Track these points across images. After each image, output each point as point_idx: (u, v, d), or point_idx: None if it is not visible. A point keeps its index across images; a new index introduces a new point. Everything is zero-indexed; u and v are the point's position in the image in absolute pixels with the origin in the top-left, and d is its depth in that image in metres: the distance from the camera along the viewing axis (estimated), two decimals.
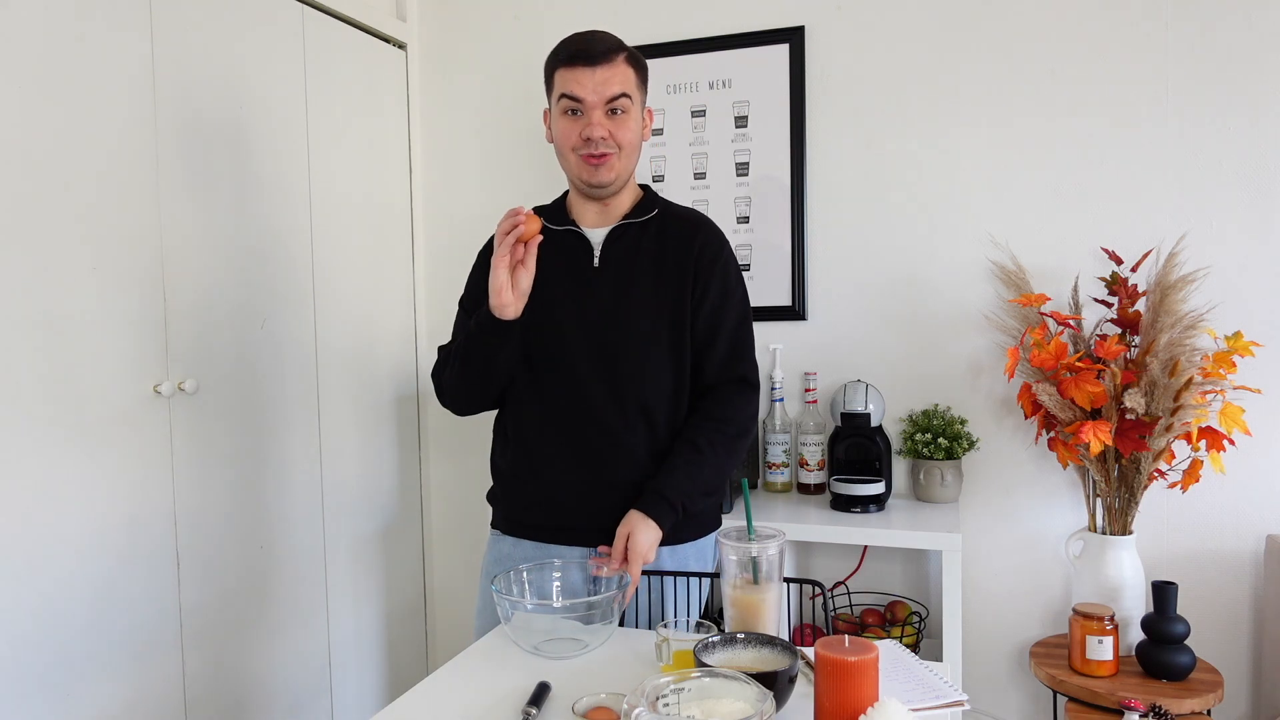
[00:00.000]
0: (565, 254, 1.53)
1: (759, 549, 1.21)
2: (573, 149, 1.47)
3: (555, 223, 1.56)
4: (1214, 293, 2.08)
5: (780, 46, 2.37)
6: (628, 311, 1.49)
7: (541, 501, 1.53)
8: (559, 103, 1.47)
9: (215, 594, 1.94)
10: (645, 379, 1.49)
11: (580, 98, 1.44)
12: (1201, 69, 2.08)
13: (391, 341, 2.58)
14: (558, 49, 1.47)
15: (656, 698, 0.95)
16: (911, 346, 2.32)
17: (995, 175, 2.23)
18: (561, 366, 1.50)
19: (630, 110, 1.47)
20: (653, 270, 1.51)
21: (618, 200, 1.55)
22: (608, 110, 1.45)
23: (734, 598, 1.23)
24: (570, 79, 1.44)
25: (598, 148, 1.45)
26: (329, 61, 2.31)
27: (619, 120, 1.46)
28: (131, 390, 1.75)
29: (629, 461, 1.49)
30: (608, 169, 1.47)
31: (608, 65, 1.44)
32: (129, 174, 1.74)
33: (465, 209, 2.70)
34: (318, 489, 2.26)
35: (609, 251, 1.52)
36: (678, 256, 1.52)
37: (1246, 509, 2.09)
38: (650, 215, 1.54)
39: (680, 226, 1.55)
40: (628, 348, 1.49)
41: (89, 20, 1.66)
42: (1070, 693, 1.87)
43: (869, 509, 2.12)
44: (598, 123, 1.44)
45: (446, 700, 1.17)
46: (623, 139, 1.47)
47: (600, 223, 1.55)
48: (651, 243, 1.53)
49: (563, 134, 1.48)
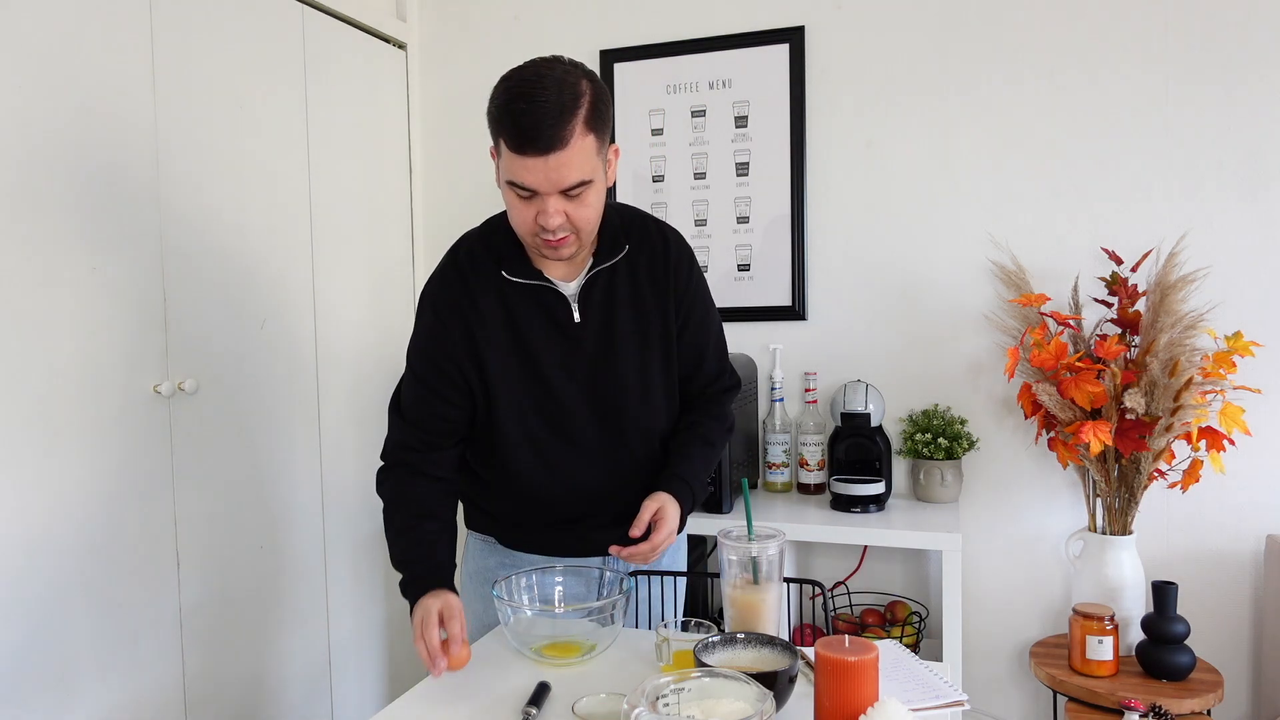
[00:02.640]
0: (542, 307, 1.39)
1: (759, 549, 1.21)
2: (529, 231, 1.29)
3: (522, 275, 1.38)
4: (1214, 293, 2.08)
5: (780, 46, 2.37)
6: (617, 363, 1.41)
7: (529, 529, 1.51)
8: (507, 184, 1.27)
9: (215, 594, 1.94)
10: (641, 422, 1.45)
11: (532, 188, 1.24)
12: (1201, 69, 2.08)
13: (391, 341, 2.58)
14: (502, 123, 1.22)
15: (656, 698, 0.95)
16: (911, 346, 2.32)
17: (995, 175, 2.23)
18: (551, 418, 1.42)
19: (590, 186, 1.26)
20: (633, 314, 1.42)
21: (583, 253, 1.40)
22: (564, 194, 1.25)
23: (734, 598, 1.23)
24: (519, 166, 1.22)
25: (556, 235, 1.28)
26: (329, 61, 2.31)
27: (578, 202, 1.26)
28: (131, 390, 1.74)
29: (621, 494, 1.45)
30: (568, 246, 1.31)
31: (562, 150, 1.20)
32: (129, 174, 1.74)
33: (465, 209, 2.69)
34: (318, 489, 2.26)
35: (585, 303, 1.39)
36: (654, 291, 1.43)
37: (1246, 509, 2.09)
38: (619, 257, 1.41)
39: (649, 257, 1.44)
40: (623, 397, 1.42)
41: (89, 20, 1.66)
42: (1070, 693, 1.87)
43: (869, 509, 2.12)
44: (553, 211, 1.24)
45: (446, 700, 1.17)
46: (582, 220, 1.28)
47: (569, 274, 1.40)
48: (625, 284, 1.42)
49: (515, 213, 1.29)
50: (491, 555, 1.56)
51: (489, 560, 1.57)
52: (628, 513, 1.39)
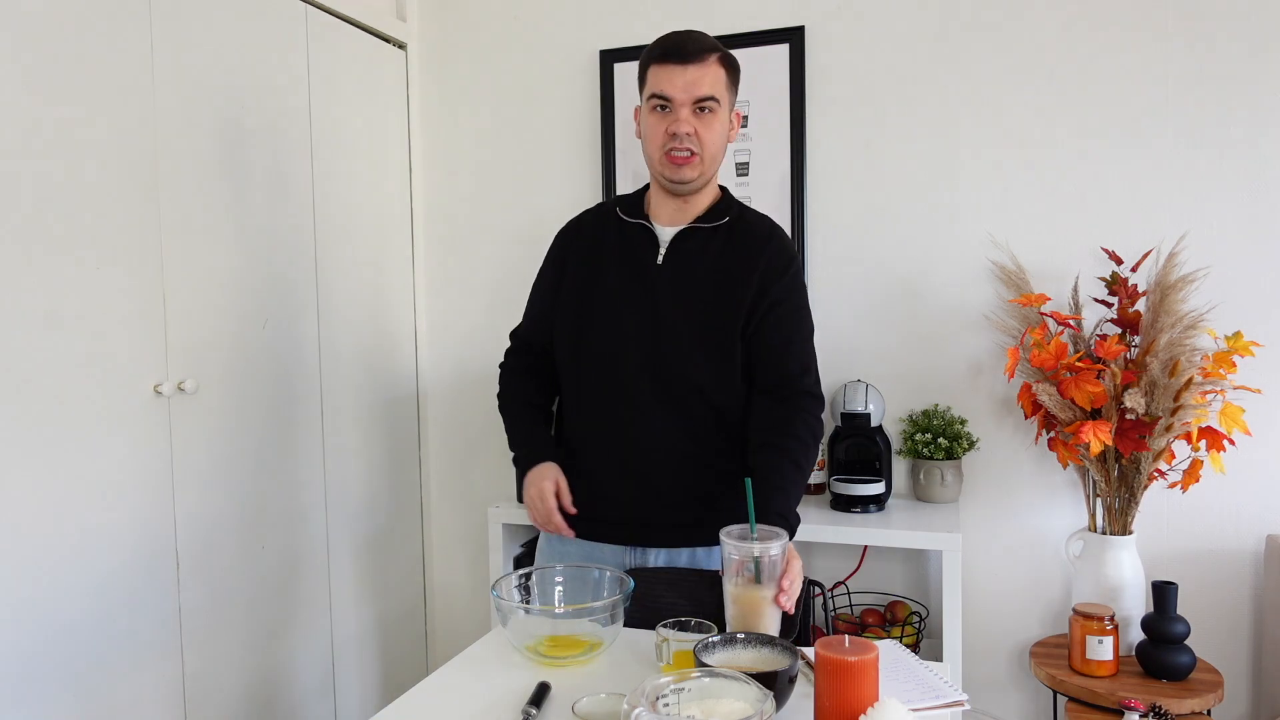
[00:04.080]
0: (632, 247, 1.56)
1: (761, 549, 1.21)
2: (659, 146, 1.48)
3: (631, 215, 1.57)
4: (1214, 293, 2.08)
5: (780, 46, 2.36)
6: (683, 312, 1.50)
7: (591, 494, 1.57)
8: (648, 100, 1.49)
9: (216, 594, 1.94)
10: (690, 380, 1.51)
11: (669, 96, 1.45)
12: (1202, 69, 2.08)
13: (392, 341, 2.58)
14: (653, 46, 1.49)
15: (656, 698, 0.95)
16: (911, 346, 2.32)
17: (995, 175, 2.23)
18: (616, 359, 1.52)
19: (718, 111, 1.48)
20: (714, 274, 1.51)
21: (695, 200, 1.55)
22: (695, 109, 1.46)
23: (735, 595, 1.23)
24: (661, 76, 1.45)
25: (682, 143, 1.46)
26: (331, 61, 2.31)
27: (706, 120, 1.47)
28: (131, 390, 1.75)
29: (673, 453, 1.52)
30: (691, 168, 1.48)
31: (699, 65, 1.44)
32: (130, 173, 1.74)
33: (465, 209, 2.70)
34: (320, 489, 2.26)
35: (674, 251, 1.53)
36: (742, 265, 1.52)
37: (1246, 509, 2.09)
38: (722, 221, 1.54)
39: (751, 236, 1.55)
40: (678, 348, 1.50)
41: (89, 20, 1.66)
42: (1070, 693, 1.87)
43: (869, 509, 2.12)
44: (684, 119, 1.45)
45: (446, 700, 1.17)
46: (707, 139, 1.47)
47: (675, 221, 1.55)
48: (718, 247, 1.53)
49: (650, 130, 1.50)
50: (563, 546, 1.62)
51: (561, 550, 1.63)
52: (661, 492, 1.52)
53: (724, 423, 1.54)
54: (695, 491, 1.54)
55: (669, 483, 1.53)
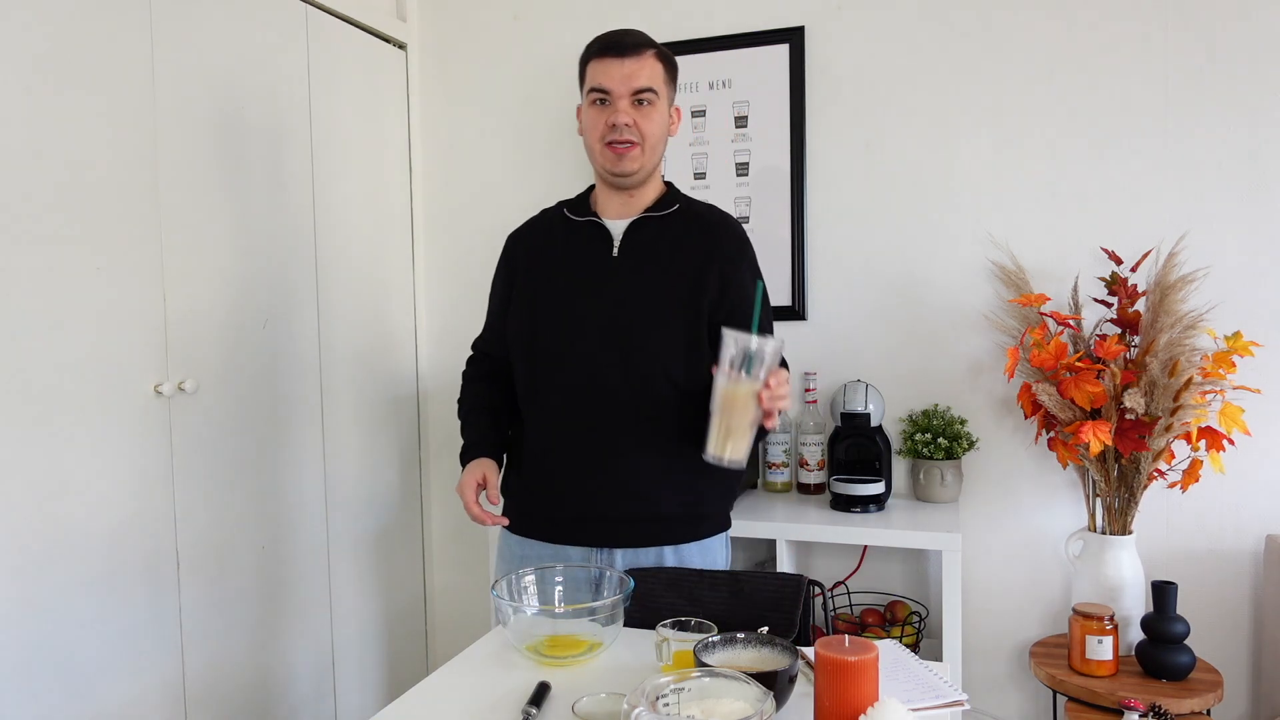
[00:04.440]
0: (585, 244, 1.57)
1: (759, 342, 1.27)
2: (599, 138, 1.51)
3: (578, 214, 1.60)
4: (1214, 293, 2.08)
5: (780, 46, 2.36)
6: (645, 298, 1.52)
7: (555, 493, 1.56)
8: (588, 94, 1.53)
9: (216, 594, 1.94)
10: (659, 365, 1.51)
11: (607, 89, 1.49)
12: (1201, 69, 2.08)
13: (392, 341, 2.58)
14: (591, 43, 1.54)
15: (656, 698, 0.95)
16: (911, 346, 2.32)
17: (995, 175, 2.23)
18: (576, 354, 1.52)
19: (656, 104, 1.51)
20: (671, 261, 1.53)
21: (641, 193, 1.57)
22: (634, 101, 1.49)
23: (724, 389, 1.29)
24: (599, 70, 1.50)
25: (621, 134, 1.49)
26: (331, 61, 2.31)
27: (644, 111, 1.50)
28: (131, 390, 1.75)
29: (641, 446, 1.52)
30: (631, 159, 1.51)
31: (636, 58, 1.49)
32: (130, 173, 1.74)
33: (465, 209, 2.70)
34: (320, 489, 2.26)
35: (628, 242, 1.55)
36: (697, 250, 1.54)
37: (1246, 509, 2.09)
38: (672, 210, 1.57)
39: (701, 224, 1.58)
40: (645, 333, 1.51)
41: (89, 20, 1.66)
42: (1070, 693, 1.87)
43: (869, 509, 2.12)
44: (623, 111, 1.48)
45: (446, 700, 1.17)
46: (647, 130, 1.50)
47: (623, 214, 1.57)
48: (671, 235, 1.56)
49: (590, 123, 1.53)
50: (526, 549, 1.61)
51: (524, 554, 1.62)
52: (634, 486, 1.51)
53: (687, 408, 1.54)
54: (669, 485, 1.53)
55: (642, 476, 1.52)
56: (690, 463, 1.49)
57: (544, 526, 1.58)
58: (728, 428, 1.31)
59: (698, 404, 1.49)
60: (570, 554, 1.56)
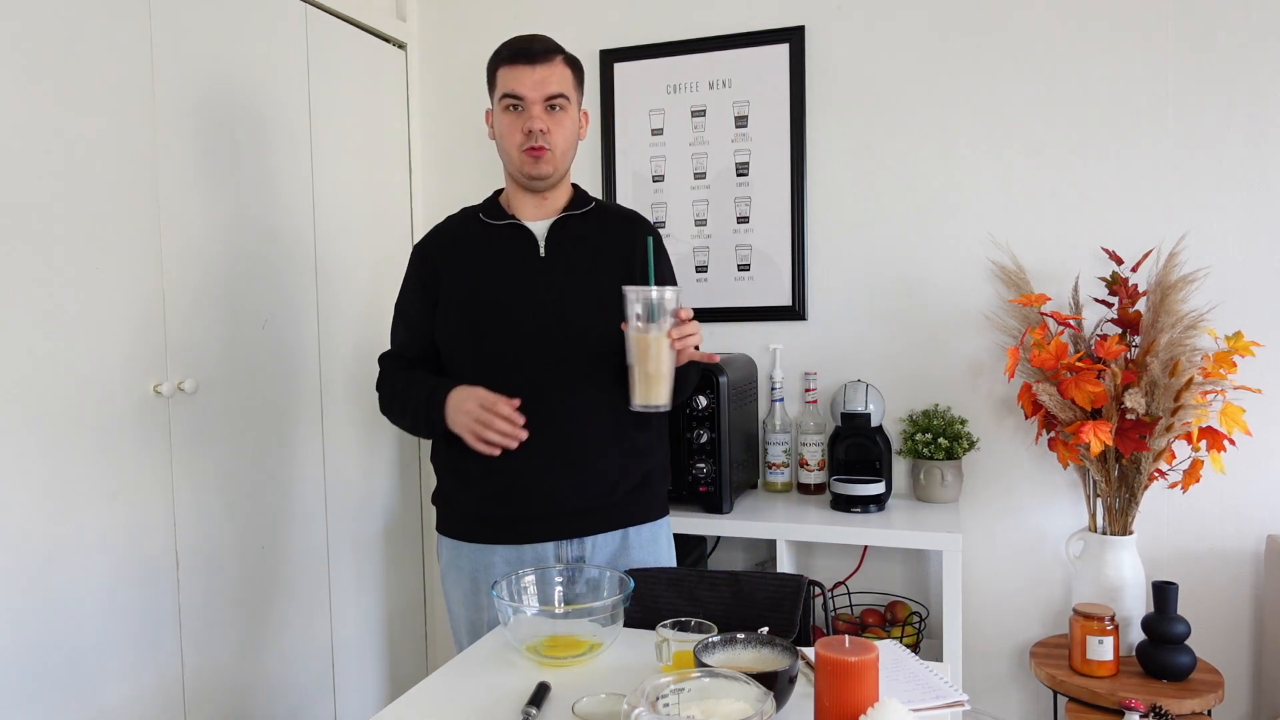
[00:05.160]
0: (507, 246, 1.60)
1: (658, 292, 1.39)
2: (516, 145, 1.55)
3: (495, 217, 1.63)
4: (1214, 293, 2.08)
5: (780, 46, 2.36)
6: (579, 294, 1.57)
7: (517, 494, 1.56)
8: (500, 100, 1.56)
9: (215, 595, 1.94)
10: (600, 359, 1.55)
11: (520, 95, 1.53)
12: (1202, 69, 2.08)
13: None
14: (499, 49, 1.58)
15: (656, 698, 0.95)
16: (911, 346, 2.32)
17: (995, 175, 2.23)
18: (522, 353, 1.54)
19: (568, 109, 1.57)
20: (596, 256, 1.60)
21: (555, 194, 1.63)
22: (546, 106, 1.54)
23: (636, 340, 1.40)
24: (511, 77, 1.54)
25: (537, 140, 1.53)
26: (331, 60, 2.31)
27: (556, 117, 1.55)
28: (131, 390, 1.74)
29: (595, 435, 1.56)
30: (546, 162, 1.55)
31: (547, 65, 1.53)
32: (130, 173, 1.74)
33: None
34: (320, 489, 2.26)
35: (552, 241, 1.60)
36: (619, 244, 1.62)
37: (1246, 509, 2.09)
38: (588, 208, 1.64)
39: (618, 218, 1.67)
40: (582, 330, 1.55)
41: (89, 19, 1.66)
42: (1070, 693, 1.87)
43: (869, 509, 2.12)
44: (537, 116, 1.53)
45: (446, 700, 1.17)
46: (558, 135, 1.56)
47: (539, 215, 1.62)
48: (592, 232, 1.62)
49: (505, 129, 1.57)
50: (465, 558, 1.62)
51: (463, 563, 1.63)
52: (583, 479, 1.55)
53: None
54: (624, 467, 1.59)
55: (599, 463, 1.57)
56: (636, 443, 1.60)
57: (505, 529, 1.58)
58: (646, 375, 1.41)
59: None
60: (532, 552, 1.58)
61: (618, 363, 1.52)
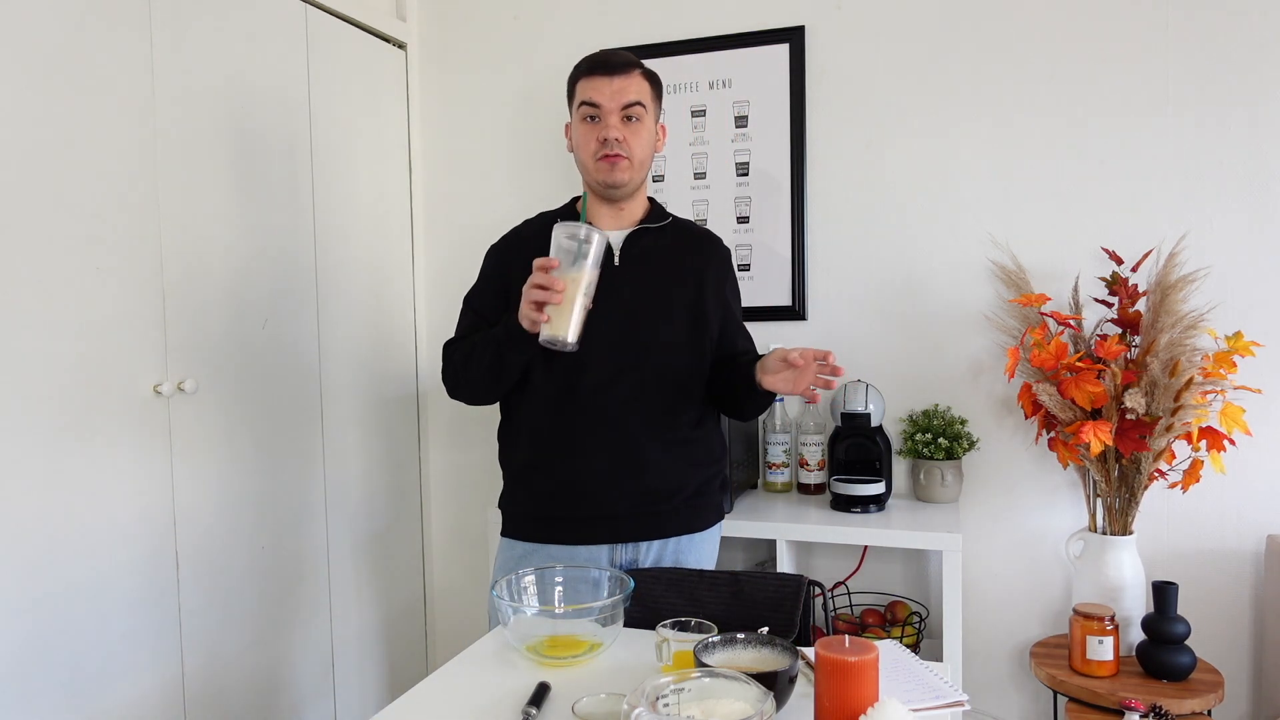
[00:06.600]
0: None
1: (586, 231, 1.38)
2: (592, 153, 1.57)
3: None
4: (1214, 293, 2.08)
5: (780, 46, 2.36)
6: (651, 305, 1.60)
7: (579, 495, 1.58)
8: (579, 110, 1.58)
9: (215, 595, 1.94)
10: (665, 370, 1.59)
11: (598, 103, 1.55)
12: (1202, 69, 2.08)
13: (392, 341, 2.58)
14: (580, 63, 1.60)
15: (656, 698, 0.95)
16: (911, 346, 2.32)
17: (995, 175, 2.23)
18: (596, 360, 1.56)
19: (644, 119, 1.58)
20: (670, 269, 1.63)
21: (631, 206, 1.64)
22: (623, 116, 1.56)
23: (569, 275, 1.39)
24: (589, 87, 1.56)
25: (613, 148, 1.55)
26: (331, 61, 2.31)
27: (633, 127, 1.57)
28: (131, 390, 1.74)
29: (660, 442, 1.59)
30: (622, 170, 1.57)
31: (624, 76, 1.56)
32: (130, 173, 1.74)
33: (465, 209, 2.70)
34: (320, 489, 2.26)
35: (628, 252, 1.61)
36: (693, 260, 1.65)
37: (1246, 509, 2.09)
38: (665, 222, 1.66)
39: (693, 235, 1.70)
40: (650, 341, 1.58)
41: (89, 20, 1.66)
42: (1070, 693, 1.87)
43: (869, 509, 2.12)
44: (614, 125, 1.55)
45: (446, 700, 1.17)
46: (635, 144, 1.57)
47: (616, 226, 1.64)
48: (667, 246, 1.65)
49: (582, 138, 1.59)
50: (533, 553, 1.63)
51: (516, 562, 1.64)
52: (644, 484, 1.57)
53: (694, 402, 1.64)
54: (682, 476, 1.62)
55: (658, 471, 1.59)
56: (695, 453, 1.63)
57: (562, 529, 1.60)
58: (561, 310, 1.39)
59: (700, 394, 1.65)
60: (586, 553, 1.59)
61: (682, 374, 1.59)
